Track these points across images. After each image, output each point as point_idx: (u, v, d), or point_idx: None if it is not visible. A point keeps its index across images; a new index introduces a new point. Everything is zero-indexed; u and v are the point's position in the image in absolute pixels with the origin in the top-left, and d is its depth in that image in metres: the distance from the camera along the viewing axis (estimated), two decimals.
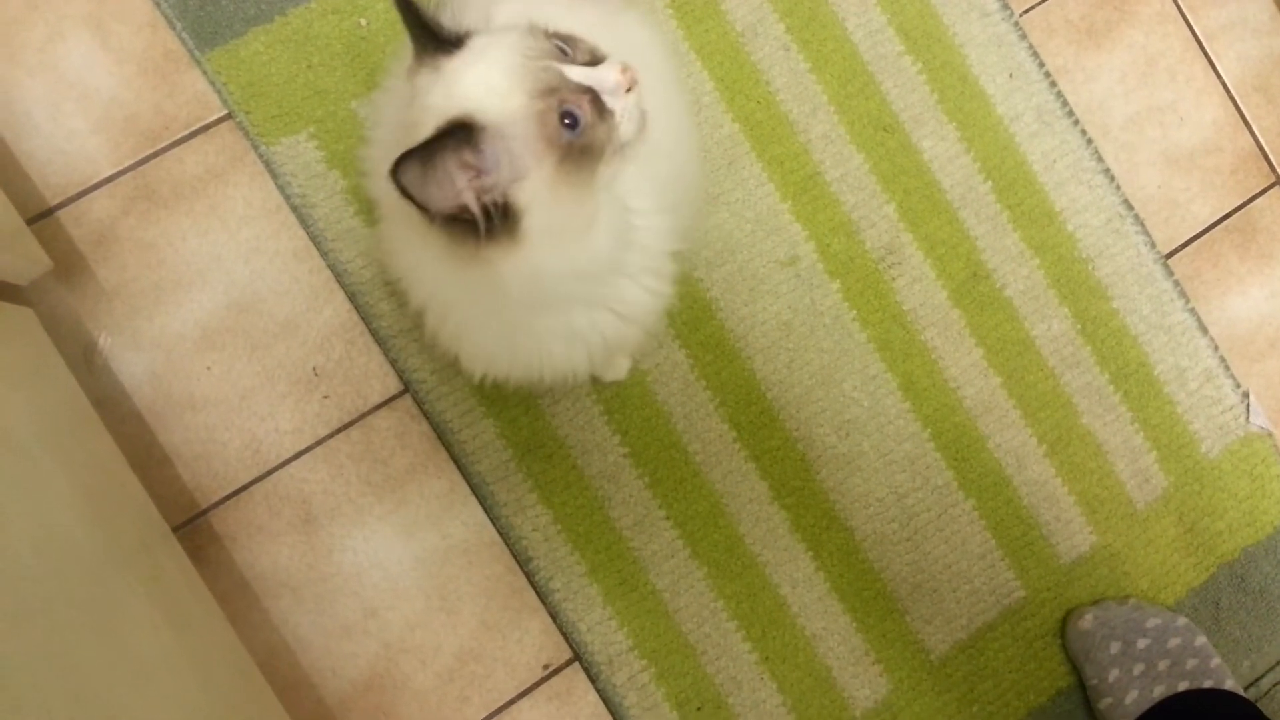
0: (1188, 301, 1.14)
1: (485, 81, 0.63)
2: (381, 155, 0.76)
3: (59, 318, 0.98)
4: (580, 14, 0.74)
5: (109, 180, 0.99)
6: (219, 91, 1.00)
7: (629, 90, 0.65)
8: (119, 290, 0.98)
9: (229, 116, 1.00)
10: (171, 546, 0.88)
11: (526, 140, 0.63)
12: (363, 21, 1.01)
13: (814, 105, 1.08)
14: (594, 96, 0.64)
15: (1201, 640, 1.05)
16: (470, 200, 0.62)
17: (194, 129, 1.00)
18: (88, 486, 0.74)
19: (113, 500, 0.79)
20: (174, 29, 1.00)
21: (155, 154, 1.00)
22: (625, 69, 0.65)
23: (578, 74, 0.64)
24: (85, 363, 0.97)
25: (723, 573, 1.04)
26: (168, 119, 1.00)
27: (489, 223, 0.62)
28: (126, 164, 0.99)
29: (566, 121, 0.63)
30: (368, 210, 0.98)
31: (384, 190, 0.73)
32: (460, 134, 0.61)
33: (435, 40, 0.64)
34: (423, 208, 0.61)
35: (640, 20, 0.83)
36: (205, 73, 1.00)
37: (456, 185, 0.61)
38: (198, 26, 0.99)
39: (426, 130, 0.62)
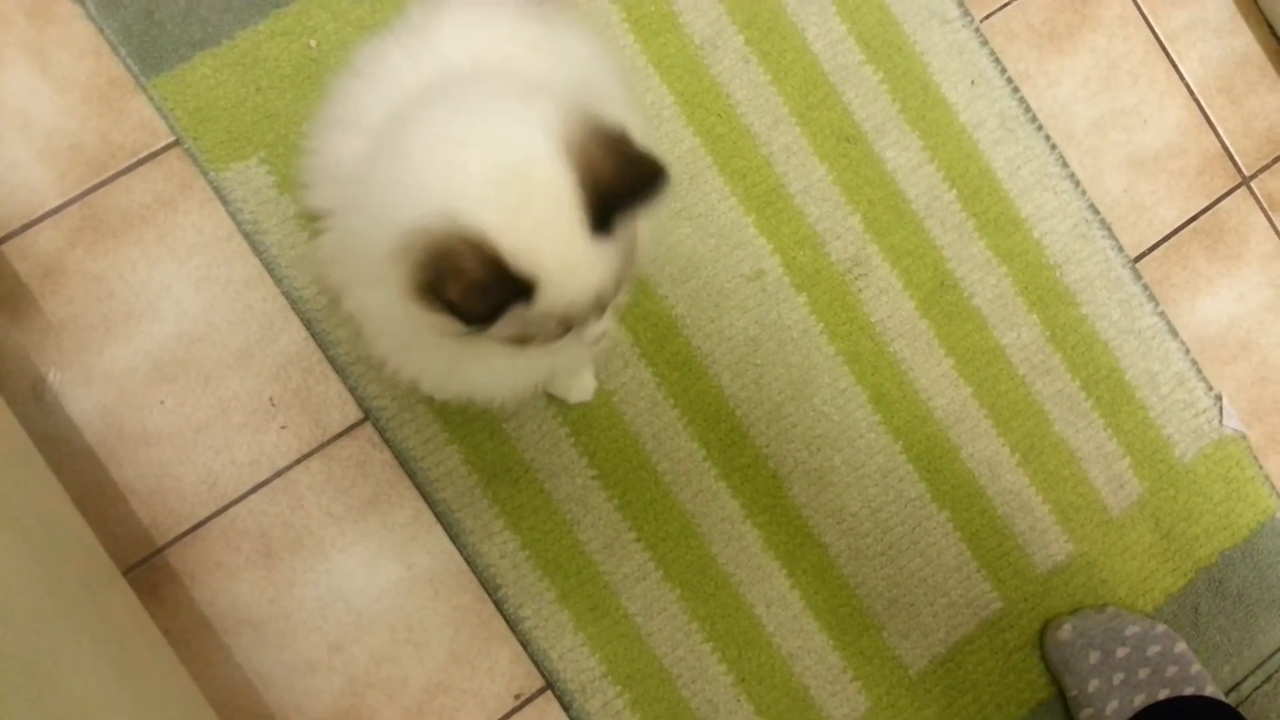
0: (1157, 305, 1.13)
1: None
2: (323, 164, 0.75)
3: (5, 355, 0.95)
4: (525, 30, 0.73)
5: (54, 212, 0.96)
6: (166, 118, 0.97)
7: None
8: (67, 324, 0.96)
9: (177, 143, 0.98)
10: (120, 589, 0.86)
11: None
12: (312, 43, 0.99)
13: (775, 117, 1.07)
14: None
15: (1181, 647, 1.04)
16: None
17: (141, 157, 0.98)
18: (26, 530, 0.71)
19: (55, 544, 0.76)
20: (118, 55, 0.97)
21: (102, 183, 0.97)
22: None
23: None
24: (34, 400, 0.95)
25: (696, 594, 1.02)
26: (114, 147, 0.98)
27: None
28: (72, 194, 0.97)
29: None
30: (313, 225, 0.96)
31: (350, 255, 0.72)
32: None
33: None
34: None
35: (588, 34, 0.81)
36: (151, 99, 0.97)
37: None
38: (142, 52, 0.97)
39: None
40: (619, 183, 0.61)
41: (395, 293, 0.62)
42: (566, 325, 0.65)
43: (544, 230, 0.60)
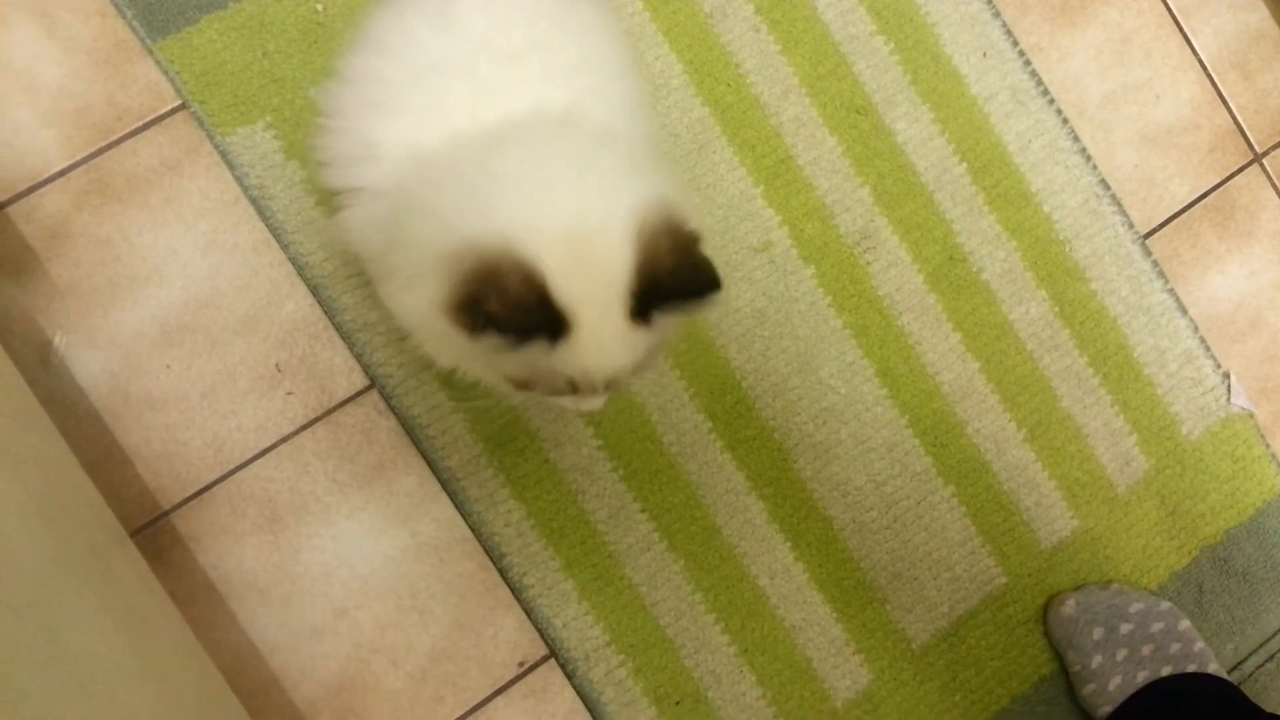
0: (1167, 282, 1.12)
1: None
2: (354, 144, 0.74)
3: (12, 318, 0.95)
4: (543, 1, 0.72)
5: (60, 175, 0.96)
6: (172, 81, 0.97)
7: None
8: (73, 287, 0.96)
9: (183, 107, 0.97)
10: (127, 550, 0.86)
11: None
12: (319, 7, 0.99)
13: (785, 88, 1.06)
14: None
15: (1185, 624, 1.04)
16: None
17: (147, 120, 0.97)
18: (34, 491, 0.71)
19: (62, 504, 0.76)
20: (124, 17, 0.97)
21: (108, 146, 0.97)
22: None
23: None
24: (41, 363, 0.95)
25: (700, 565, 1.02)
26: (120, 110, 0.97)
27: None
28: (78, 157, 0.96)
29: None
30: (327, 201, 0.96)
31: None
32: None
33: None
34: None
35: (599, 2, 0.80)
36: (158, 62, 0.97)
37: None
38: (149, 14, 0.96)
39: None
40: (672, 280, 0.63)
41: (431, 292, 0.63)
42: (572, 388, 0.67)
43: (589, 296, 0.62)
